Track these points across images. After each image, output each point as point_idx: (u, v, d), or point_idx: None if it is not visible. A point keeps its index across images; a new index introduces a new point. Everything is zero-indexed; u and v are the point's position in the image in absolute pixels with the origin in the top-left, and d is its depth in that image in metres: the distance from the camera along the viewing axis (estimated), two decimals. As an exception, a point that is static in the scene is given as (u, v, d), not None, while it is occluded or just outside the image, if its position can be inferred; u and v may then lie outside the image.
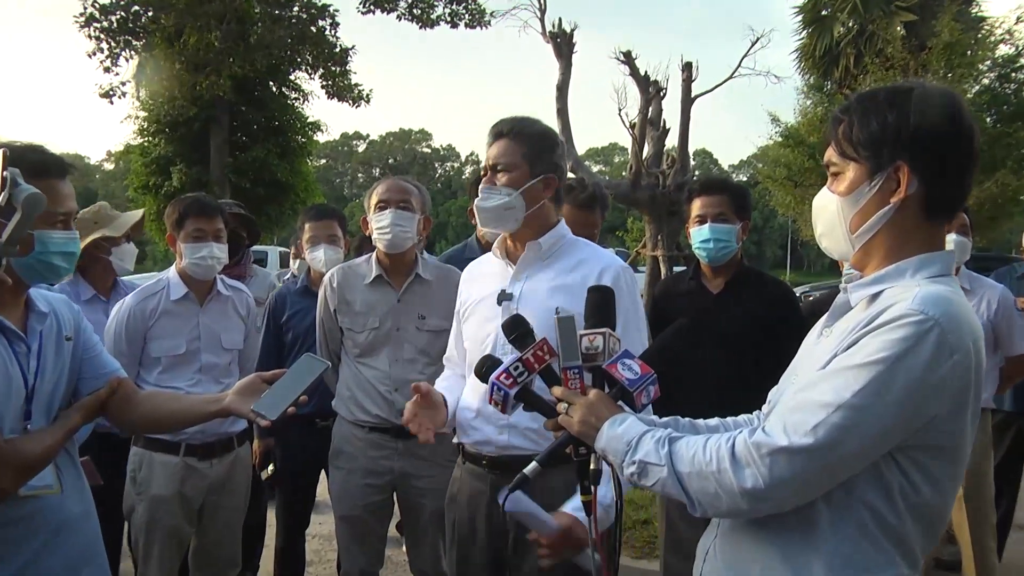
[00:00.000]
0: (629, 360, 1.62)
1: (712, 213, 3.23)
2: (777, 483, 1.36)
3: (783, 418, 1.39)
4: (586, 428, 1.58)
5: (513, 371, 1.68)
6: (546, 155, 2.35)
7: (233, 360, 3.34)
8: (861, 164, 1.48)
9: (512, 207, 2.31)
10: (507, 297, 2.36)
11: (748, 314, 3.16)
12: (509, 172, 2.32)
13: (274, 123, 21.78)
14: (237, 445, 3.33)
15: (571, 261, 2.34)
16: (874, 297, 1.45)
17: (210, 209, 3.24)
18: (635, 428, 1.54)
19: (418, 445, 3.13)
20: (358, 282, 3.25)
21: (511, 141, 2.33)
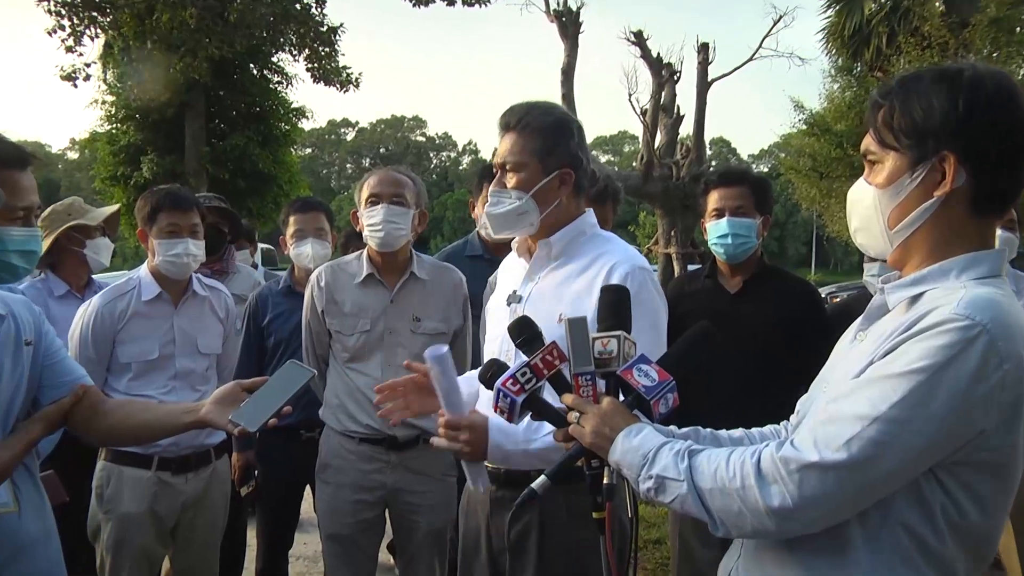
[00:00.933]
0: (646, 366, 1.62)
1: (730, 206, 3.23)
2: (806, 502, 1.35)
3: (814, 431, 1.38)
4: (599, 439, 1.57)
5: (520, 377, 1.67)
6: (561, 147, 2.29)
7: (211, 366, 3.34)
8: (902, 153, 1.46)
9: (524, 212, 2.27)
10: (516, 299, 2.36)
11: (768, 316, 3.17)
12: (518, 172, 2.28)
13: (255, 109, 21.73)
14: (215, 458, 3.32)
15: (584, 260, 2.29)
16: (914, 299, 1.44)
17: (185, 202, 3.24)
18: (652, 440, 1.53)
19: (413, 458, 3.15)
20: (348, 281, 3.24)
21: (519, 136, 2.28)
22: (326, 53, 21.45)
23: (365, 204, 3.18)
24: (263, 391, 2.08)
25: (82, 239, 3.64)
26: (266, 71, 22.21)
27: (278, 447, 3.69)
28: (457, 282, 3.33)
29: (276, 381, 2.09)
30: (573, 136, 2.32)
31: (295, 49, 21.58)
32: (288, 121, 22.58)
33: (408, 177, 3.26)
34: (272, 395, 2.06)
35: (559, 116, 2.33)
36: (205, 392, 3.22)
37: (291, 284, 3.93)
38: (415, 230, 3.25)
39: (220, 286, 3.52)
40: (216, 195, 4.80)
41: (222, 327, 3.40)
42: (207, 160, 20.21)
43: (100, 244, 3.71)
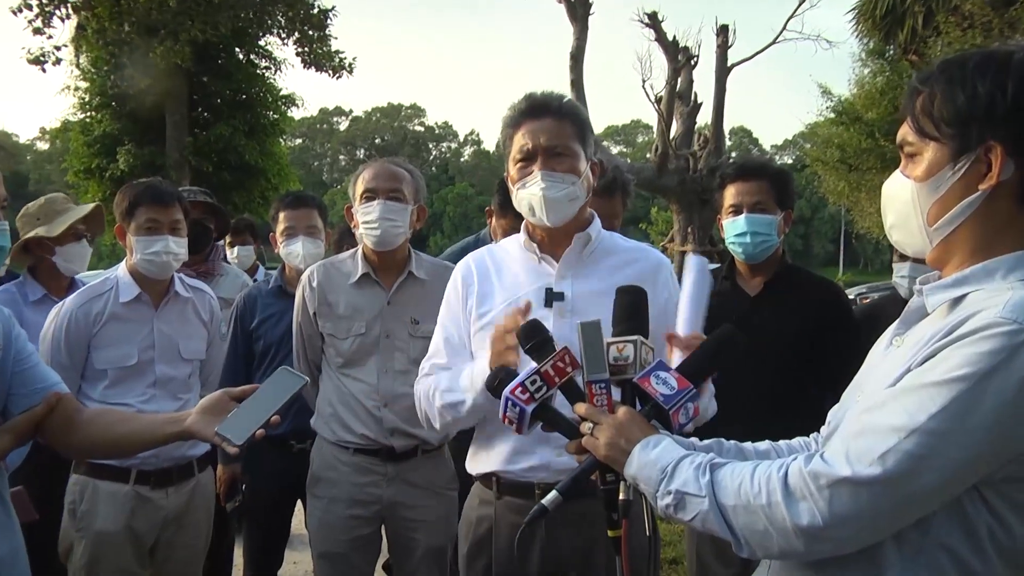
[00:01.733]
0: (664, 373, 1.62)
1: (748, 202, 3.23)
2: (838, 520, 1.34)
3: (846, 443, 1.38)
4: (614, 452, 1.57)
5: (530, 385, 1.67)
6: (590, 136, 2.41)
7: (193, 372, 3.34)
8: (943, 144, 1.45)
9: (576, 198, 2.36)
10: (558, 297, 2.37)
11: (791, 320, 3.17)
12: (567, 157, 2.34)
13: (241, 96, 21.78)
14: (198, 471, 3.32)
15: (617, 258, 2.41)
16: (956, 302, 1.43)
17: (166, 196, 3.23)
18: (672, 452, 1.52)
19: (411, 470, 3.16)
20: (342, 281, 3.25)
21: (560, 121, 2.34)
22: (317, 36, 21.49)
23: (360, 200, 3.18)
24: (252, 400, 2.06)
25: (51, 246, 3.63)
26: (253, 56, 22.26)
27: (266, 459, 3.69)
28: None
29: (266, 390, 2.08)
30: (592, 130, 2.45)
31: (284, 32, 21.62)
32: (277, 109, 22.62)
33: (406, 170, 3.26)
34: (261, 405, 2.05)
35: (583, 111, 2.43)
36: (187, 401, 3.22)
37: (281, 284, 3.93)
38: (413, 227, 3.25)
39: (204, 286, 3.52)
40: (201, 189, 4.81)
41: (206, 331, 3.40)
42: (189, 151, 20.25)
43: (72, 251, 3.68)
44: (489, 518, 2.47)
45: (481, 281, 2.53)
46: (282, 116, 23.00)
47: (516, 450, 2.38)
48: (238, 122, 20.91)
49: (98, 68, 20.50)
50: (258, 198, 21.53)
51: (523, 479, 2.38)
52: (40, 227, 3.64)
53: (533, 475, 2.35)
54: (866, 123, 16.16)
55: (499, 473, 2.42)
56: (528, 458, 2.36)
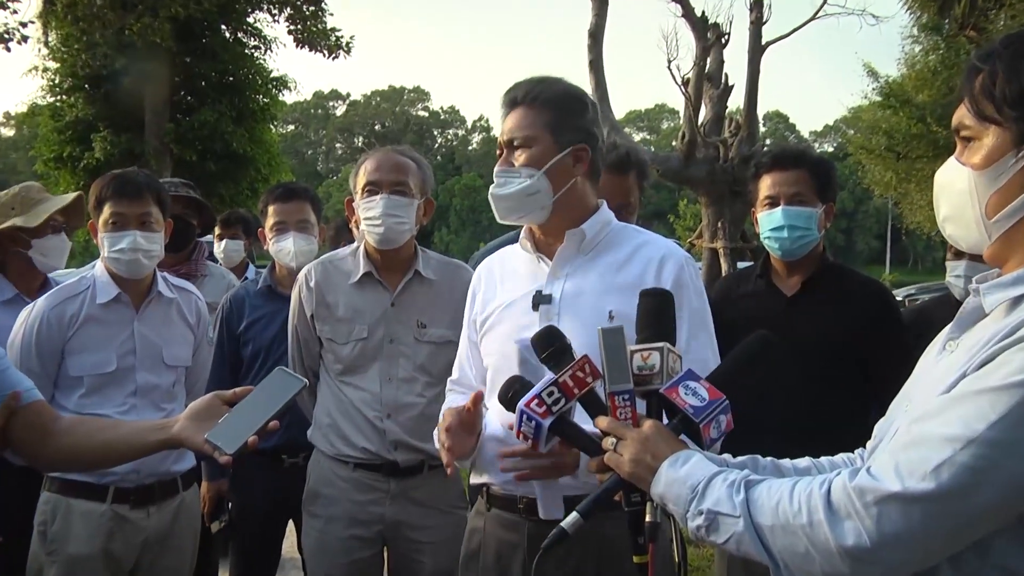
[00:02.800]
0: (693, 383, 1.62)
1: (786, 193, 3.22)
2: (887, 540, 1.34)
3: (895, 456, 1.38)
4: (640, 469, 1.58)
5: (547, 397, 1.68)
6: (574, 121, 2.39)
7: (178, 380, 3.34)
8: (1005, 128, 1.45)
9: (536, 191, 2.34)
10: (545, 299, 2.38)
11: (832, 323, 3.15)
12: (528, 148, 2.36)
13: (227, 79, 21.84)
14: (183, 488, 3.32)
15: (621, 253, 2.38)
16: (1017, 301, 1.43)
17: (131, 188, 3.21)
18: (703, 469, 1.53)
19: (416, 487, 3.17)
20: (342, 281, 3.26)
21: (528, 109, 2.37)
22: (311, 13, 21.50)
23: (362, 193, 3.18)
24: (246, 404, 2.06)
25: (27, 239, 3.63)
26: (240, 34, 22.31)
27: (256, 474, 3.69)
28: (468, 281, 3.34)
29: (262, 392, 2.07)
30: (587, 110, 2.43)
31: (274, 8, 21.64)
32: (267, 93, 22.67)
33: (412, 160, 3.27)
34: (257, 409, 2.04)
35: (570, 88, 2.43)
36: (170, 412, 3.21)
37: (271, 284, 3.94)
38: (420, 222, 3.26)
39: (190, 286, 3.52)
40: (184, 180, 4.81)
41: (192, 335, 3.40)
42: (171, 138, 20.30)
43: (49, 244, 3.67)
44: (480, 531, 2.51)
45: (486, 286, 2.60)
46: (273, 100, 23.06)
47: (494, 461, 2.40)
48: (224, 107, 20.96)
49: (69, 47, 20.49)
50: (246, 190, 21.56)
51: (507, 492, 2.41)
52: (16, 217, 3.62)
53: (516, 488, 2.38)
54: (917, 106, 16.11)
55: (489, 484, 2.46)
56: None
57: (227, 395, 2.12)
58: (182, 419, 2.11)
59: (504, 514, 2.43)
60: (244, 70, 22.06)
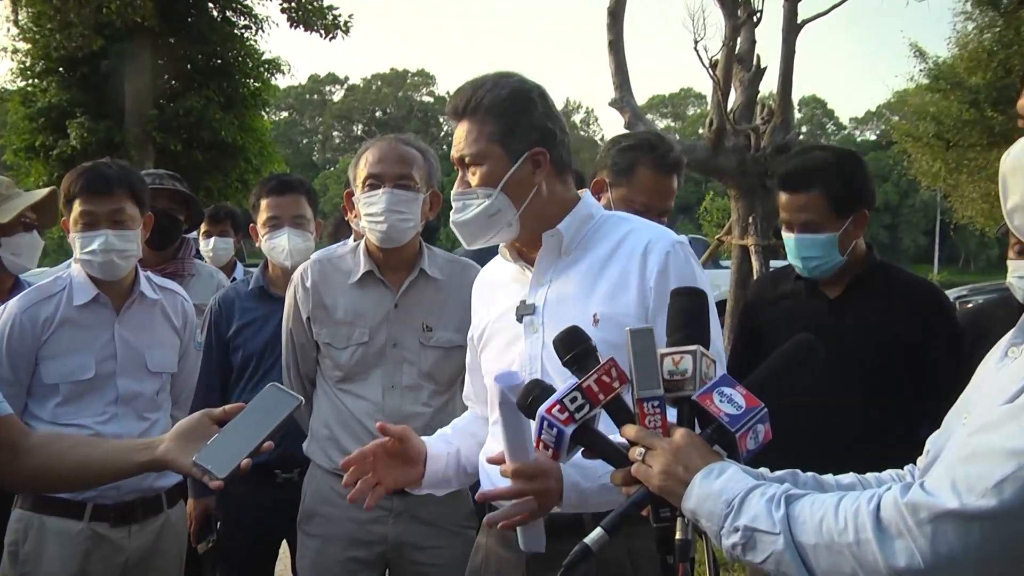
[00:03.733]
0: (729, 389, 1.62)
1: (797, 220, 3.20)
2: (942, 561, 1.34)
3: (952, 470, 1.38)
4: (670, 482, 1.58)
5: (569, 403, 1.68)
6: (524, 123, 2.36)
7: (163, 388, 3.36)
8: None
9: (496, 211, 2.35)
10: (528, 310, 2.39)
11: (879, 328, 3.15)
12: (480, 165, 2.36)
13: (215, 61, 21.92)
14: (167, 506, 3.33)
15: (604, 248, 2.37)
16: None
17: (100, 184, 3.19)
18: (739, 482, 1.53)
19: (422, 505, 3.17)
20: (341, 280, 3.27)
21: (472, 122, 2.37)
22: (306, -11, 21.47)
23: (362, 187, 3.19)
24: (237, 424, 2.07)
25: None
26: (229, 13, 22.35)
27: (246, 491, 3.67)
28: None
29: (254, 411, 2.09)
30: (536, 106, 2.40)
31: (267, -16, 21.64)
32: (258, 77, 22.71)
33: (417, 150, 3.27)
34: (249, 429, 2.05)
35: (514, 87, 2.40)
36: (154, 422, 3.24)
37: (263, 284, 3.94)
38: (426, 217, 3.27)
39: (175, 286, 3.53)
40: (170, 172, 4.81)
41: (178, 339, 3.41)
42: (154, 126, 20.32)
43: (21, 243, 3.68)
44: (482, 548, 2.55)
45: (479, 301, 2.65)
46: (265, 85, 23.10)
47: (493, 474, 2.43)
48: (212, 92, 20.99)
49: (41, 27, 20.46)
50: (236, 182, 21.61)
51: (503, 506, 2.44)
52: None
53: None
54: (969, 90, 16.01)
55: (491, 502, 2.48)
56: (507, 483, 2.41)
57: (216, 413, 2.13)
58: (168, 439, 2.12)
59: (505, 532, 2.43)
60: (233, 52, 22.10)
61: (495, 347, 2.49)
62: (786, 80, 8.68)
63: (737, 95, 8.71)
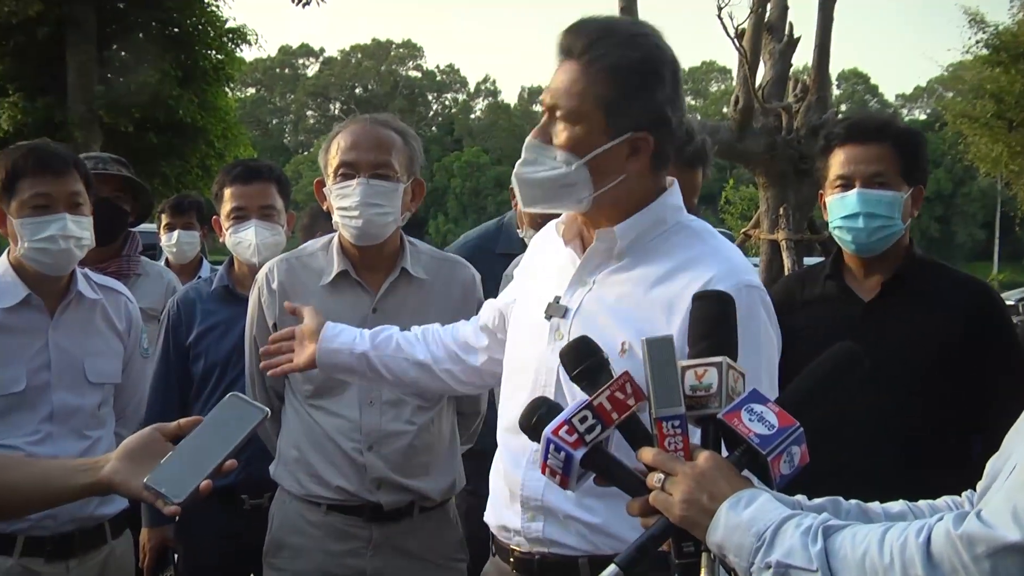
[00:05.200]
0: (760, 406, 1.62)
1: (863, 173, 3.19)
2: None
3: (1013, 498, 1.38)
4: (693, 512, 1.58)
5: (579, 423, 1.68)
6: (642, 99, 2.29)
7: (105, 401, 3.34)
8: None
9: (572, 184, 2.31)
10: (559, 311, 2.38)
11: (922, 334, 3.14)
12: (572, 124, 2.31)
13: (172, 30, 21.87)
14: (111, 536, 3.31)
15: (664, 266, 2.31)
16: None
17: (57, 162, 3.19)
18: (771, 512, 1.54)
19: (404, 534, 3.18)
20: (311, 281, 3.27)
21: (583, 70, 2.29)
22: (275, -52, 21.47)
23: (334, 176, 3.19)
24: (194, 440, 2.06)
25: None
26: (188, -27, 22.26)
27: (208, 518, 3.68)
28: (468, 281, 3.37)
29: (213, 424, 2.07)
30: (664, 83, 2.31)
31: (230, -58, 21.61)
32: (221, 48, 22.67)
33: (396, 132, 3.26)
34: (207, 446, 2.04)
35: (648, 52, 2.31)
36: (96, 440, 3.23)
37: (228, 284, 3.95)
38: (408, 209, 3.27)
39: (117, 285, 3.52)
40: (115, 156, 4.79)
41: (121, 344, 3.40)
42: (101, 104, 20.24)
43: None
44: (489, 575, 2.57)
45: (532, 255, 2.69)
46: (228, 57, 23.06)
47: (498, 499, 2.46)
48: (168, 65, 20.89)
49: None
50: (196, 168, 21.58)
51: (502, 539, 2.47)
52: None
53: (509, 538, 2.43)
54: (1035, 63, 15.99)
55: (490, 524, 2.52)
56: (505, 513, 2.43)
57: (170, 428, 2.11)
58: (114, 458, 2.09)
59: (504, 564, 2.48)
60: (192, 20, 22.03)
61: (516, 335, 2.52)
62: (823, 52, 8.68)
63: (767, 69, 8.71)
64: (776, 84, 8.63)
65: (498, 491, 2.48)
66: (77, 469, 2.16)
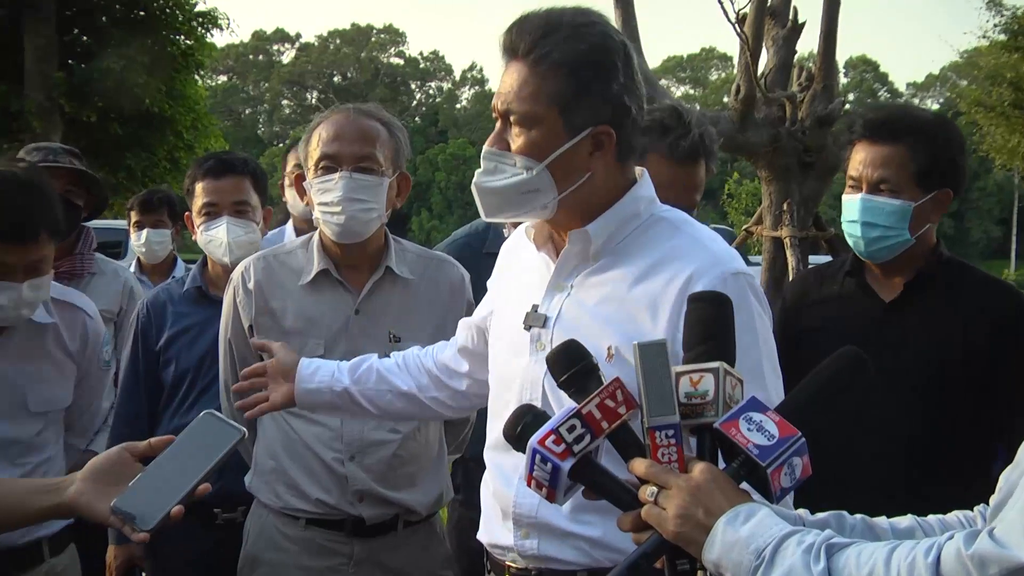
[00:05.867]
0: (759, 415, 1.63)
1: (870, 177, 3.17)
2: None
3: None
4: (688, 528, 1.58)
5: (566, 432, 1.68)
6: (597, 92, 2.29)
7: (48, 427, 3.22)
8: None
9: (534, 190, 2.31)
10: (537, 320, 2.39)
11: (945, 337, 3.14)
12: (528, 129, 2.30)
13: (137, 13, 21.77)
14: (49, 554, 3.18)
15: (643, 263, 2.32)
16: None
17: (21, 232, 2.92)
18: (771, 528, 1.54)
19: (389, 550, 3.18)
20: (290, 281, 3.27)
21: (532, 70, 2.29)
22: (248, -73, 21.37)
23: (315, 170, 3.19)
24: (165, 461, 2.06)
25: None
26: (154, -47, 22.17)
27: (179, 533, 3.63)
28: (456, 281, 3.38)
29: (186, 444, 2.08)
30: (616, 73, 2.31)
31: (200, -81, 21.53)
32: (190, 33, 22.59)
33: (381, 123, 3.26)
34: (179, 468, 2.04)
35: (596, 41, 2.30)
36: (37, 464, 3.15)
37: (202, 285, 3.94)
38: (393, 205, 3.27)
39: (80, 300, 3.41)
40: (66, 147, 4.75)
41: (73, 364, 3.29)
42: (61, 92, 20.12)
43: None
44: None
45: (504, 263, 2.68)
46: (198, 42, 22.99)
47: (490, 518, 2.47)
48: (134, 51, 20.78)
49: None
50: (164, 161, 21.50)
51: (498, 556, 2.48)
52: None
53: (503, 555, 2.44)
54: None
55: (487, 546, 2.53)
56: (498, 531, 2.44)
57: (140, 448, 2.11)
58: (80, 479, 2.09)
59: None
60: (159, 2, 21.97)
61: (499, 351, 2.52)
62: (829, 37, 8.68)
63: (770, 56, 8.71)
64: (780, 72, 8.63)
65: (490, 509, 2.49)
66: (39, 490, 2.15)
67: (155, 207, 5.99)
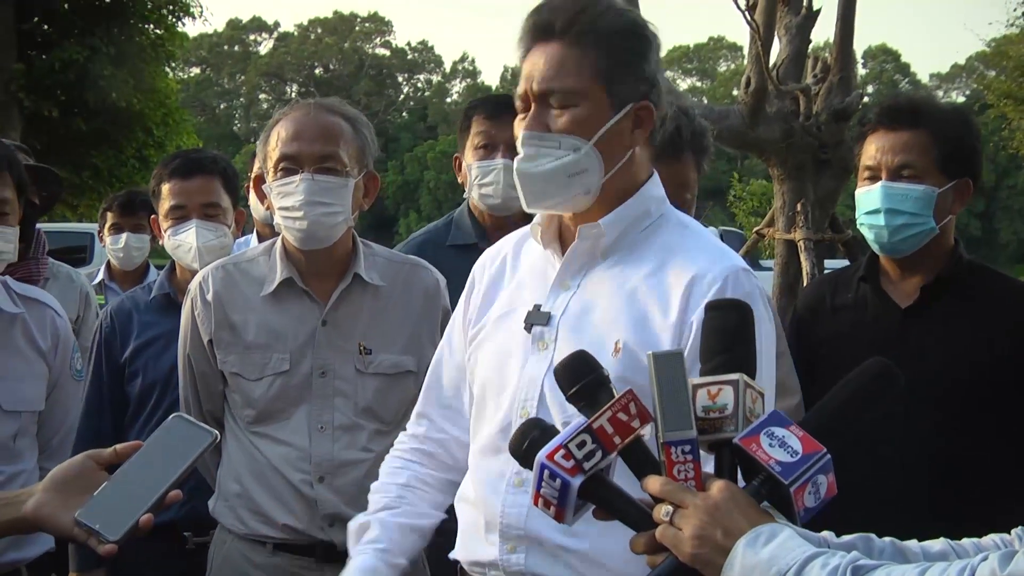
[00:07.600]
0: (781, 430, 1.62)
1: (891, 164, 3.20)
2: None
3: None
4: (706, 549, 1.59)
5: (576, 448, 1.68)
6: (637, 66, 2.36)
7: (23, 431, 3.26)
8: None
9: (583, 170, 2.33)
10: (540, 319, 2.39)
11: (968, 346, 3.15)
12: (572, 106, 2.34)
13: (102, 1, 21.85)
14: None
15: (654, 259, 2.36)
16: None
17: None
18: (794, 550, 1.54)
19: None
20: (251, 291, 3.27)
21: (572, 47, 2.33)
22: (222, -92, 21.44)
23: (274, 171, 3.19)
24: (132, 468, 2.05)
25: None
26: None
27: (147, 561, 3.65)
28: (431, 287, 3.37)
29: (155, 449, 2.07)
30: (652, 49, 2.40)
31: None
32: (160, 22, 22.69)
33: (344, 119, 3.26)
34: (147, 475, 2.03)
35: (633, 17, 2.38)
36: (12, 475, 3.17)
37: (170, 292, 3.94)
38: (360, 207, 3.27)
39: (44, 295, 3.48)
40: (18, 144, 4.76)
41: (45, 365, 3.34)
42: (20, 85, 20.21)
43: None
44: None
45: (490, 280, 2.62)
46: (169, 32, 23.08)
47: (469, 532, 2.47)
48: (98, 41, 20.91)
49: None
50: (132, 159, 21.59)
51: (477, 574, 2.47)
52: None
53: (484, 573, 2.45)
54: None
55: (459, 560, 2.53)
56: (480, 546, 2.44)
57: (105, 455, 2.10)
58: (41, 490, 2.09)
59: None
60: (127, -11, 22.07)
61: (489, 355, 2.51)
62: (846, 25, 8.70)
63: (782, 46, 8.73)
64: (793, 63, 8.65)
65: (469, 522, 2.49)
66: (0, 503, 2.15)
67: (136, 209, 5.95)
